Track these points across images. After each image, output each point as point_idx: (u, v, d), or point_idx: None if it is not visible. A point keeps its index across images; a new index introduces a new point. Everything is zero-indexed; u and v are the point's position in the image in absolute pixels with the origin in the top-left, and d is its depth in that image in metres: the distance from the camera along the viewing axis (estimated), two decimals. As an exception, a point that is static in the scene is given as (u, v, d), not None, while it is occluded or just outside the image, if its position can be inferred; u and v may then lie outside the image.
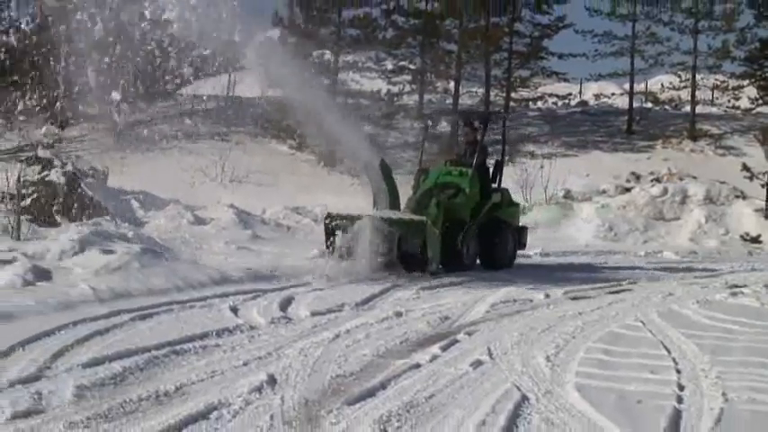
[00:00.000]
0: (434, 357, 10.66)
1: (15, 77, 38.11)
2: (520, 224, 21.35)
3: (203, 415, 7.86)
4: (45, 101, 41.13)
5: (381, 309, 14.12)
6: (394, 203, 17.55)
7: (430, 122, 22.00)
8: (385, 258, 16.40)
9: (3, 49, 41.10)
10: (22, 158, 29.57)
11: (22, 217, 21.58)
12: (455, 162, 19.88)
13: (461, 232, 17.83)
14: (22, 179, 23.79)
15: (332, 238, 17.43)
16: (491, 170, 20.39)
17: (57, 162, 26.54)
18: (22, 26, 43.26)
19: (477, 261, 19.60)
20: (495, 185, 20.11)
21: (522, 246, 21.12)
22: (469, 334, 12.25)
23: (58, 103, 42.59)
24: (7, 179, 23.56)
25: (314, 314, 13.20)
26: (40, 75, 37.84)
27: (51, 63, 38.92)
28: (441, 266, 17.67)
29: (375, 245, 16.17)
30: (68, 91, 40.60)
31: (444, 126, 35.98)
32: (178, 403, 8.26)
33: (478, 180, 18.96)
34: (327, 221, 18.07)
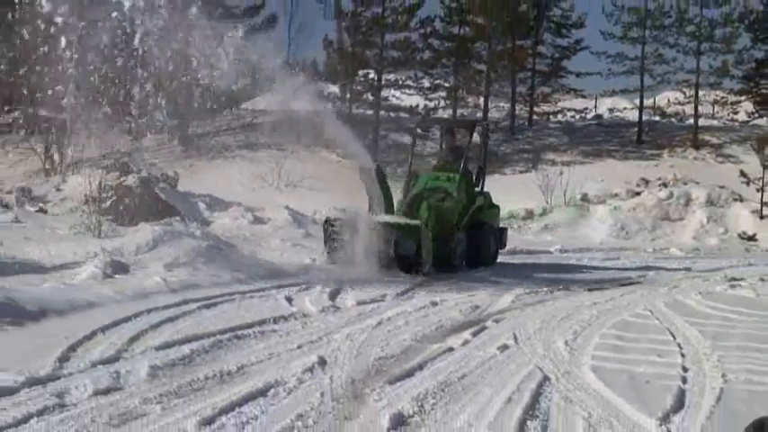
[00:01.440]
0: (466, 342, 10.67)
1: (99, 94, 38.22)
2: (500, 225, 20.85)
3: (262, 392, 7.89)
4: (123, 116, 41.29)
5: (418, 299, 14.10)
6: (388, 207, 17.03)
7: (419, 131, 21.46)
8: (381, 260, 15.82)
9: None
10: (103, 166, 29.66)
11: (103, 217, 21.67)
12: (442, 167, 19.20)
13: (451, 234, 17.34)
14: (103, 184, 23.91)
15: (330, 241, 16.99)
16: (474, 175, 19.60)
17: (133, 169, 26.66)
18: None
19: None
20: (477, 189, 19.41)
21: (503, 245, 20.60)
22: (497, 321, 12.25)
23: (134, 118, 42.85)
24: (90, 184, 23.65)
25: (359, 303, 13.20)
26: (117, 92, 37.99)
27: (126, 82, 39.05)
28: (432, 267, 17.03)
29: (372, 247, 15.64)
30: (143, 107, 40.80)
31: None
32: (239, 382, 8.29)
33: (464, 184, 18.43)
34: (326, 225, 17.52)
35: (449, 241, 17.01)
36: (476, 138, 21.25)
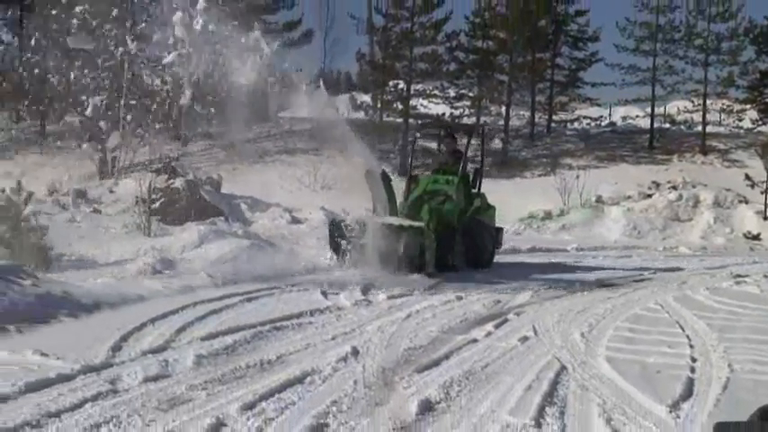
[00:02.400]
0: (489, 334, 10.66)
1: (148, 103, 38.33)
2: (496, 225, 19.97)
3: (299, 380, 7.90)
4: (171, 123, 41.40)
5: (444, 293, 14.10)
6: (392, 210, 16.61)
7: (418, 135, 20.98)
8: (386, 261, 15.25)
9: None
10: (153, 170, 29.77)
11: (153, 217, 21.75)
12: (441, 170, 18.65)
13: (452, 235, 16.79)
14: (152, 186, 23.99)
15: (336, 243, 16.44)
16: (471, 177, 19.06)
17: (180, 172, 26.73)
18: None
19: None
20: (474, 191, 18.88)
21: (499, 245, 19.96)
22: (518, 314, 12.24)
23: (180, 124, 43.01)
24: (140, 186, 23.76)
25: (389, 298, 13.20)
26: (165, 101, 38.09)
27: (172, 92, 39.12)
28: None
29: (377, 249, 15.16)
30: (190, 115, 40.95)
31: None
32: (278, 370, 8.30)
33: (463, 187, 17.97)
34: (332, 227, 17.01)
35: (450, 242, 16.53)
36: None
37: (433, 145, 45.02)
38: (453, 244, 16.63)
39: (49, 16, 32.64)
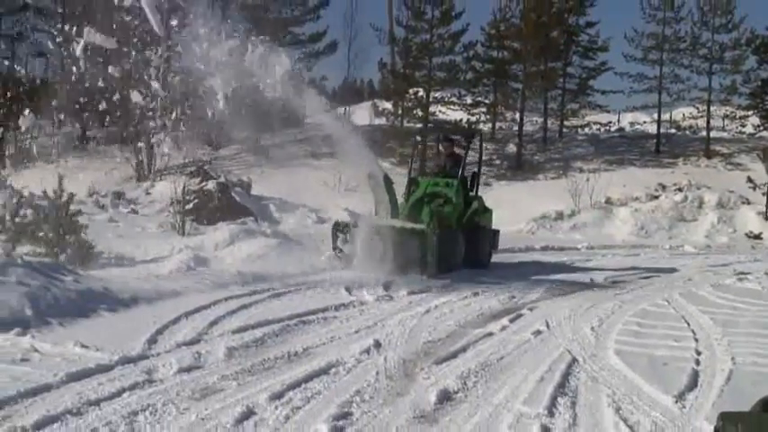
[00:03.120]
0: (504, 327, 10.66)
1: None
2: (493, 227, 19.22)
3: (324, 371, 7.92)
4: (204, 129, 41.48)
5: (461, 290, 14.09)
6: (394, 211, 16.15)
7: (419, 138, 20.48)
8: (388, 262, 14.69)
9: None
10: (187, 173, 29.85)
11: (186, 217, 21.81)
12: (440, 173, 18.17)
13: (452, 237, 16.28)
14: (186, 188, 24.06)
15: (339, 244, 15.98)
16: (469, 180, 18.49)
17: (212, 175, 26.80)
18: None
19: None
20: (472, 194, 18.26)
21: (495, 246, 19.23)
22: (531, 309, 12.23)
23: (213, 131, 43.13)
24: (175, 188, 23.84)
25: (410, 293, 13.20)
26: (198, 108, 38.10)
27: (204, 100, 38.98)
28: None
29: (380, 250, 14.67)
30: (222, 120, 41.01)
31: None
32: (305, 361, 8.32)
33: (462, 190, 17.48)
34: (335, 229, 16.44)
35: (450, 243, 16.03)
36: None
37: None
38: (454, 245, 16.22)
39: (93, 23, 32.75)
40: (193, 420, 6.35)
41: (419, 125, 45.44)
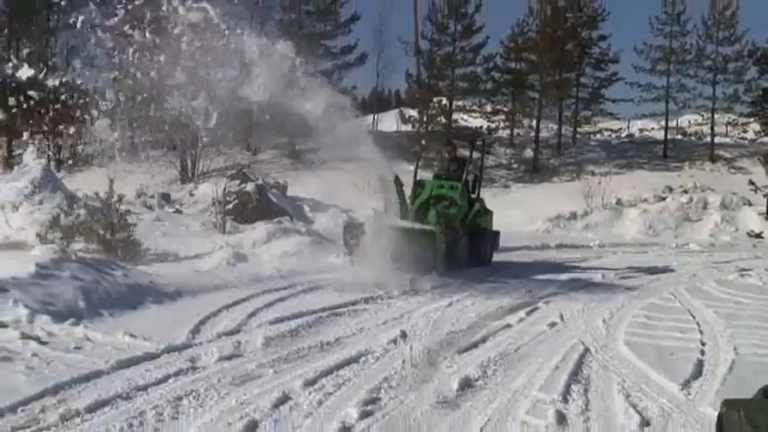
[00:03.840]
0: (521, 320, 10.65)
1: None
2: (494, 229, 18.56)
3: (354, 359, 7.93)
4: (243, 135, 41.56)
5: (482, 285, 14.09)
6: (403, 213, 15.54)
7: (424, 142, 19.83)
8: (399, 262, 13.83)
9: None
10: (227, 175, 29.88)
11: (227, 217, 21.87)
12: (443, 175, 17.45)
13: (458, 238, 15.78)
14: (227, 190, 24.13)
15: (350, 245, 15.19)
16: (471, 183, 17.77)
17: (251, 178, 26.84)
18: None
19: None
20: (474, 196, 17.65)
21: (496, 247, 18.49)
22: (547, 303, 12.20)
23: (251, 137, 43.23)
24: (216, 190, 23.92)
25: (433, 288, 13.19)
26: (238, 116, 37.99)
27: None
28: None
29: (391, 250, 13.80)
30: (258, 127, 41.12)
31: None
32: (336, 350, 8.34)
33: (465, 192, 16.92)
34: (346, 229, 15.88)
35: (456, 244, 15.57)
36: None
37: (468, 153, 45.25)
38: (459, 246, 15.77)
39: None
40: (233, 405, 6.37)
41: (442, 131, 45.42)
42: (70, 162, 39.65)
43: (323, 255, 16.05)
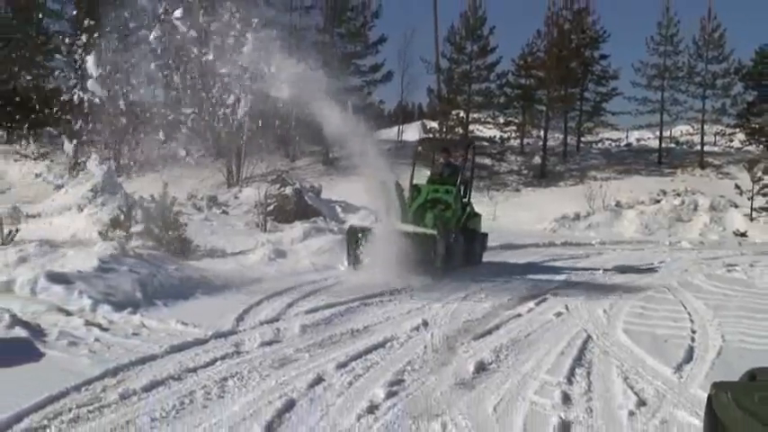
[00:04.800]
0: (530, 310, 10.63)
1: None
2: (482, 231, 17.43)
3: (381, 344, 7.94)
4: (281, 144, 41.67)
5: (495, 278, 14.10)
6: (404, 216, 14.55)
7: (420, 148, 18.75)
8: (400, 263, 13.14)
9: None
10: (268, 180, 29.95)
11: (268, 217, 21.91)
12: (437, 180, 16.37)
13: (454, 240, 14.85)
14: (267, 193, 24.17)
15: (354, 247, 14.27)
16: (462, 187, 16.58)
17: (289, 182, 26.86)
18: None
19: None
20: (465, 200, 16.58)
21: (485, 248, 17.45)
22: (554, 295, 12.17)
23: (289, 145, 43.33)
24: (258, 193, 23.98)
25: (452, 281, 13.17)
26: (278, 127, 38.13)
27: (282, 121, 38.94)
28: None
29: (392, 253, 13.18)
30: (296, 136, 41.21)
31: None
32: (365, 337, 8.35)
33: (459, 196, 16.03)
34: (349, 233, 14.85)
35: (453, 245, 14.73)
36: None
37: (487, 161, 45.21)
38: (456, 247, 14.93)
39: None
40: (273, 385, 6.39)
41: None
42: (129, 168, 39.84)
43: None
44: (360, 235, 14.18)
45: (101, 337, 7.86)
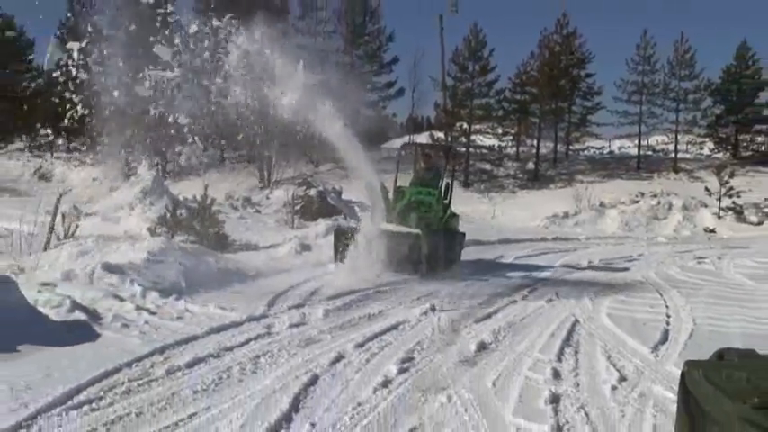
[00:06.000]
0: (525, 297, 10.61)
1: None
2: (460, 231, 16.02)
3: (394, 327, 7.94)
4: (307, 151, 41.73)
5: (493, 269, 14.10)
6: (389, 218, 13.69)
7: (403, 153, 17.48)
8: (386, 263, 12.19)
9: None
10: (295, 183, 29.96)
11: (295, 216, 21.95)
12: (419, 183, 15.06)
13: (437, 239, 13.69)
14: (295, 195, 24.21)
15: (341, 248, 13.07)
16: (443, 189, 15.18)
17: (314, 185, 26.88)
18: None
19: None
20: (445, 201, 15.06)
21: (462, 246, 15.92)
22: (544, 284, 12.14)
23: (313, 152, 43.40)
24: (287, 195, 24.05)
25: (452, 274, 13.16)
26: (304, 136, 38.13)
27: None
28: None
29: (379, 252, 12.19)
30: (319, 142, 41.20)
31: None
32: (380, 320, 8.35)
33: (440, 198, 14.77)
34: (336, 234, 13.87)
35: (436, 245, 13.59)
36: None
37: (487, 167, 45.20)
38: (438, 247, 13.77)
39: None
40: (300, 362, 6.40)
41: (463, 149, 45.30)
42: (174, 173, 39.97)
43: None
44: (345, 235, 13.25)
45: (149, 319, 7.89)
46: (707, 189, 33.55)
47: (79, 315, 7.73)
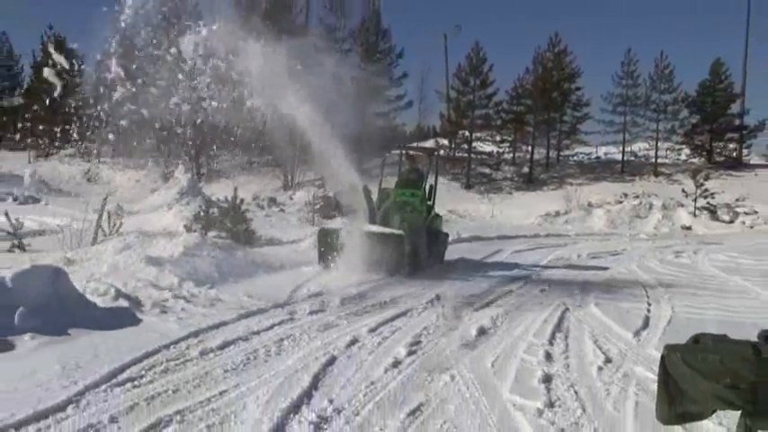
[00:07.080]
0: (520, 287, 10.58)
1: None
2: (443, 231, 14.84)
3: (403, 313, 7.93)
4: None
5: (493, 262, 14.05)
6: (372, 219, 12.58)
7: (387, 154, 16.18)
8: (369, 263, 11.28)
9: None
10: (315, 184, 29.97)
11: (315, 214, 21.97)
12: (404, 185, 14.28)
13: (421, 240, 12.76)
14: (315, 195, 24.23)
15: (324, 248, 12.01)
16: (426, 191, 14.18)
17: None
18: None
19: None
20: (429, 203, 14.09)
21: (446, 246, 14.73)
22: (538, 275, 12.12)
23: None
24: (308, 195, 24.09)
25: (453, 267, 13.13)
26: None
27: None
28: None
29: (362, 253, 11.33)
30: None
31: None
32: (391, 307, 8.33)
33: (424, 199, 13.81)
34: (321, 235, 12.55)
35: (419, 245, 12.64)
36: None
37: (487, 170, 45.10)
38: (422, 247, 12.84)
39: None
40: (319, 345, 6.40)
41: (465, 155, 45.22)
42: (208, 176, 40.04)
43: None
44: (329, 236, 12.20)
45: (185, 307, 7.92)
46: (684, 191, 33.38)
47: (122, 302, 7.76)
